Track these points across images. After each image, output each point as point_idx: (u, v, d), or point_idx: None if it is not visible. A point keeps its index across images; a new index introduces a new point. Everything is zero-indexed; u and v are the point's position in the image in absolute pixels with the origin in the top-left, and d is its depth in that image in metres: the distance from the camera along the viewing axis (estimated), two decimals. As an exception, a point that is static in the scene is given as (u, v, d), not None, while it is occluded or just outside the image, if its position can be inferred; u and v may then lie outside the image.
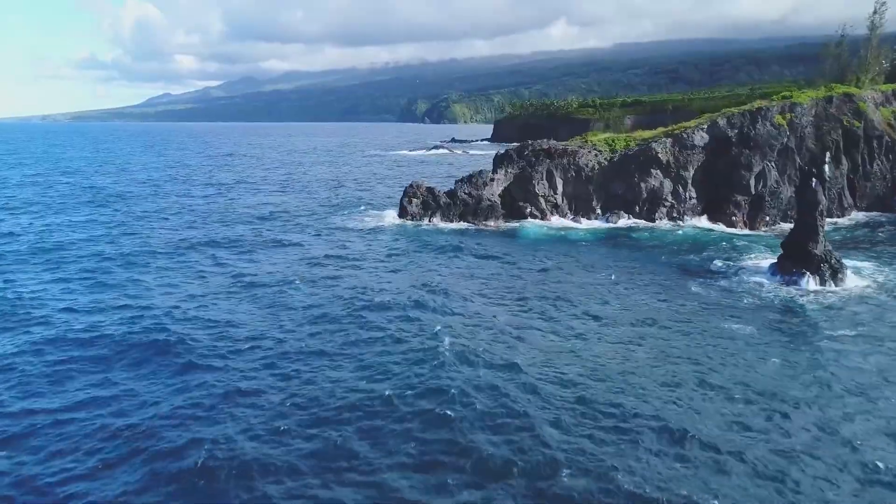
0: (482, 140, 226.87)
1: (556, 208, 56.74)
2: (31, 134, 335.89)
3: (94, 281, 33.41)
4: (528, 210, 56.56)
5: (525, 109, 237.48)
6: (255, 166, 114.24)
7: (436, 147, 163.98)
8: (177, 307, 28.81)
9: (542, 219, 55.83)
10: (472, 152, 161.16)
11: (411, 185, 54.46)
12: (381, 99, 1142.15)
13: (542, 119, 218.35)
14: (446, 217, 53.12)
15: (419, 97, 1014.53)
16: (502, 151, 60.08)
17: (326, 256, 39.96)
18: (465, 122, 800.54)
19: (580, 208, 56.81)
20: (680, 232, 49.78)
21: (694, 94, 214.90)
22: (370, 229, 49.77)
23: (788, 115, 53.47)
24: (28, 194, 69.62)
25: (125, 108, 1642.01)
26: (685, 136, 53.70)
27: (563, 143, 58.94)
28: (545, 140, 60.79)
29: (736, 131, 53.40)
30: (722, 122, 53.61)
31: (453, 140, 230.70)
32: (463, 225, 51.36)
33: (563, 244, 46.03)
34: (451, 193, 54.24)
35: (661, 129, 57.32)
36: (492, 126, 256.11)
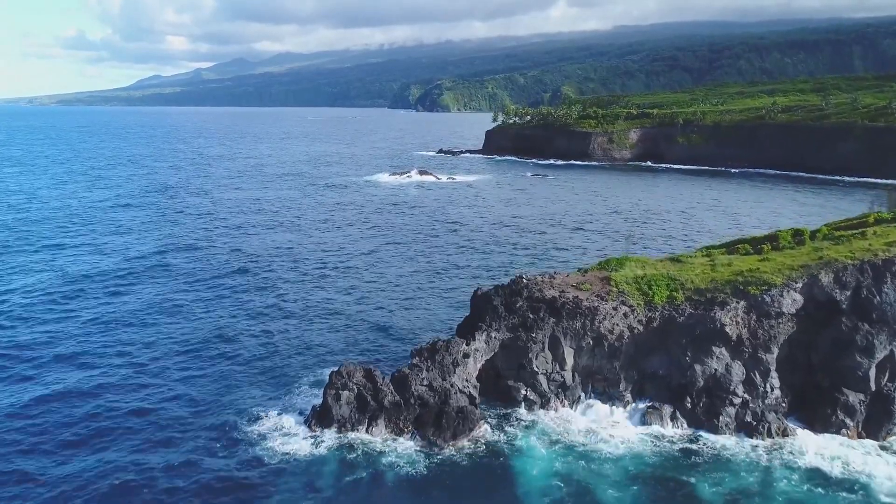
0: (472, 153, 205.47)
1: (563, 390, 37.49)
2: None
3: None
4: (522, 394, 37.32)
5: (520, 116, 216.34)
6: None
7: (419, 172, 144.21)
8: None
9: (541, 407, 36.67)
10: (460, 179, 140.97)
11: (339, 372, 34.81)
12: (374, 83, 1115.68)
13: (537, 129, 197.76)
14: (392, 424, 33.82)
15: (412, 82, 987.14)
16: (483, 290, 40.67)
17: None
18: (458, 109, 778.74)
19: (600, 389, 37.62)
20: (766, 472, 30.42)
21: (707, 106, 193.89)
22: (259, 471, 30.30)
23: (933, 269, 34.06)
24: None
25: (113, 90, 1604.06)
26: (768, 299, 34.27)
27: (574, 284, 39.31)
28: (546, 275, 41.24)
29: (848, 293, 34.02)
30: (826, 278, 34.15)
31: (441, 151, 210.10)
32: (422, 468, 31.30)
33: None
34: (400, 382, 34.79)
35: (723, 269, 37.70)
36: (484, 118, 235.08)
